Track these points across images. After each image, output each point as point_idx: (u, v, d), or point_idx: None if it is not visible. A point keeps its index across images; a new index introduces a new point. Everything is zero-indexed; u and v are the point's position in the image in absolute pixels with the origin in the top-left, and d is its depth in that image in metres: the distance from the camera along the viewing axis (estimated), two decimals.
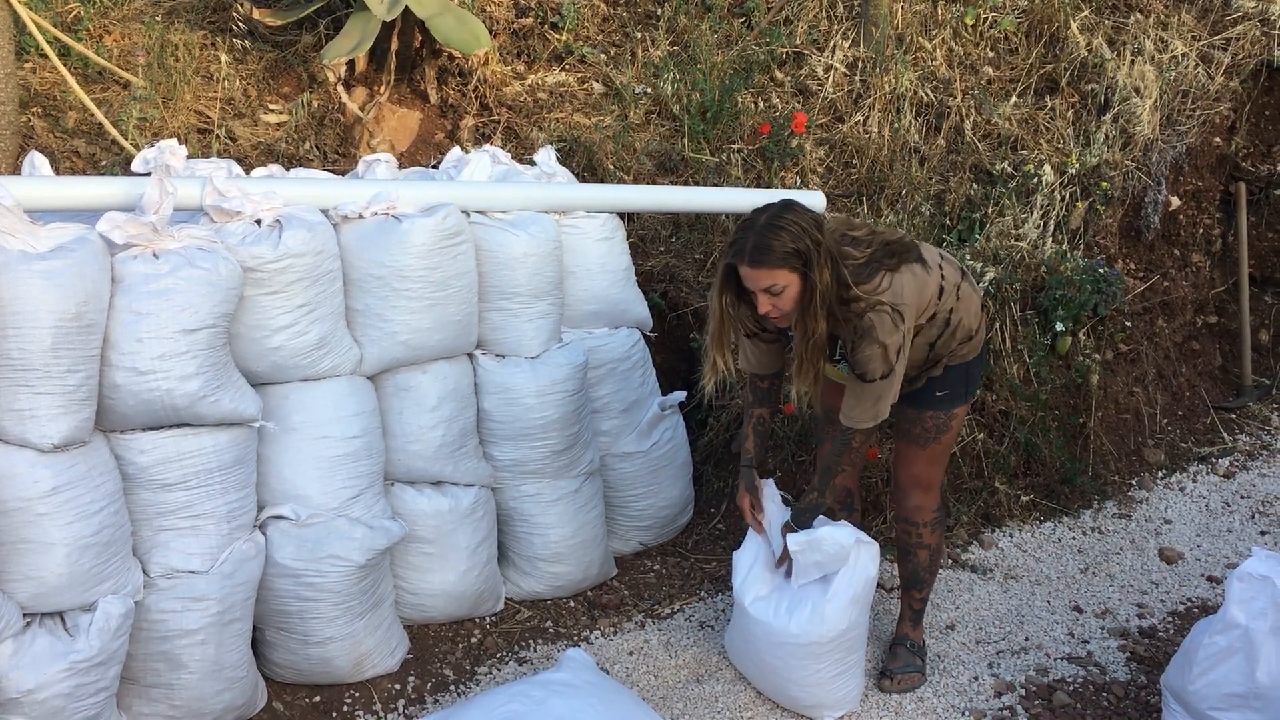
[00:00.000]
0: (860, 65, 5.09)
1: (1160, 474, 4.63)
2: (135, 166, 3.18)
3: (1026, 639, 3.61)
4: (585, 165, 4.63)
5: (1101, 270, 4.44)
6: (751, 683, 3.35)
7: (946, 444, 3.22)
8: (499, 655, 3.48)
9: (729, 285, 2.88)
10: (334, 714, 3.19)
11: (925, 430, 3.14)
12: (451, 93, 4.92)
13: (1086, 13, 5.29)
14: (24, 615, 2.68)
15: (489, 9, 5.06)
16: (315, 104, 4.61)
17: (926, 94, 5.01)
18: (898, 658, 3.39)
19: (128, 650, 2.82)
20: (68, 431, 2.65)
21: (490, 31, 4.87)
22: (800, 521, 3.12)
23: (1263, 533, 4.27)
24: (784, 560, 3.18)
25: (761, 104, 4.97)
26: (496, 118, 4.86)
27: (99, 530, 2.71)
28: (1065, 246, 4.57)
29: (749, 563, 3.25)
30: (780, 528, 3.18)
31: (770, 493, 3.26)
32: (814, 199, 4.18)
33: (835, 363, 3.05)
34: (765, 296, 2.78)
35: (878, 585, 3.45)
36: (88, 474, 2.71)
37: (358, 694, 3.26)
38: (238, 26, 4.74)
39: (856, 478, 3.48)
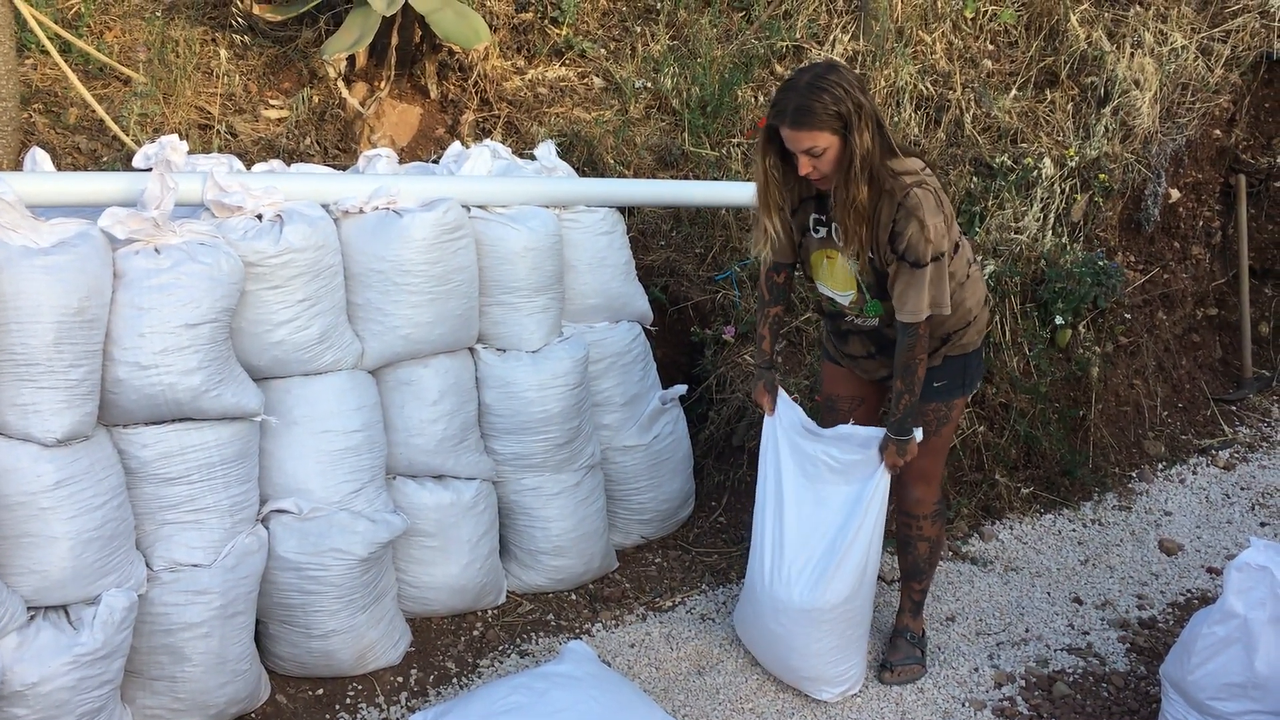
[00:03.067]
0: (860, 58, 5.09)
1: (1160, 466, 4.64)
2: (136, 162, 3.19)
3: (1027, 630, 3.62)
4: (585, 160, 4.64)
5: (1101, 263, 4.45)
6: (755, 656, 3.39)
7: (946, 436, 3.22)
8: (501, 648, 3.49)
9: (771, 147, 2.87)
10: (337, 706, 3.21)
11: (926, 422, 3.15)
12: (452, 88, 4.92)
13: (1086, 5, 5.29)
14: (28, 609, 2.69)
15: (489, 4, 5.07)
16: (316, 99, 4.62)
17: (926, 87, 5.01)
18: (898, 650, 3.40)
19: (131, 643, 2.83)
20: (71, 426, 2.66)
21: (490, 26, 4.87)
22: (900, 429, 3.02)
23: (1263, 524, 4.28)
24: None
25: (761, 98, 4.98)
26: (497, 112, 4.86)
27: (102, 524, 2.73)
28: (1065, 239, 4.58)
29: (766, 523, 3.26)
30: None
31: (786, 400, 3.27)
32: None
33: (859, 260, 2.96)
34: (806, 158, 2.78)
35: (879, 578, 3.46)
36: (91, 468, 2.73)
37: (360, 686, 3.27)
38: (238, 22, 4.74)
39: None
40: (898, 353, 2.97)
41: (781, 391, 3.30)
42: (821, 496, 3.18)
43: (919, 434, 3.09)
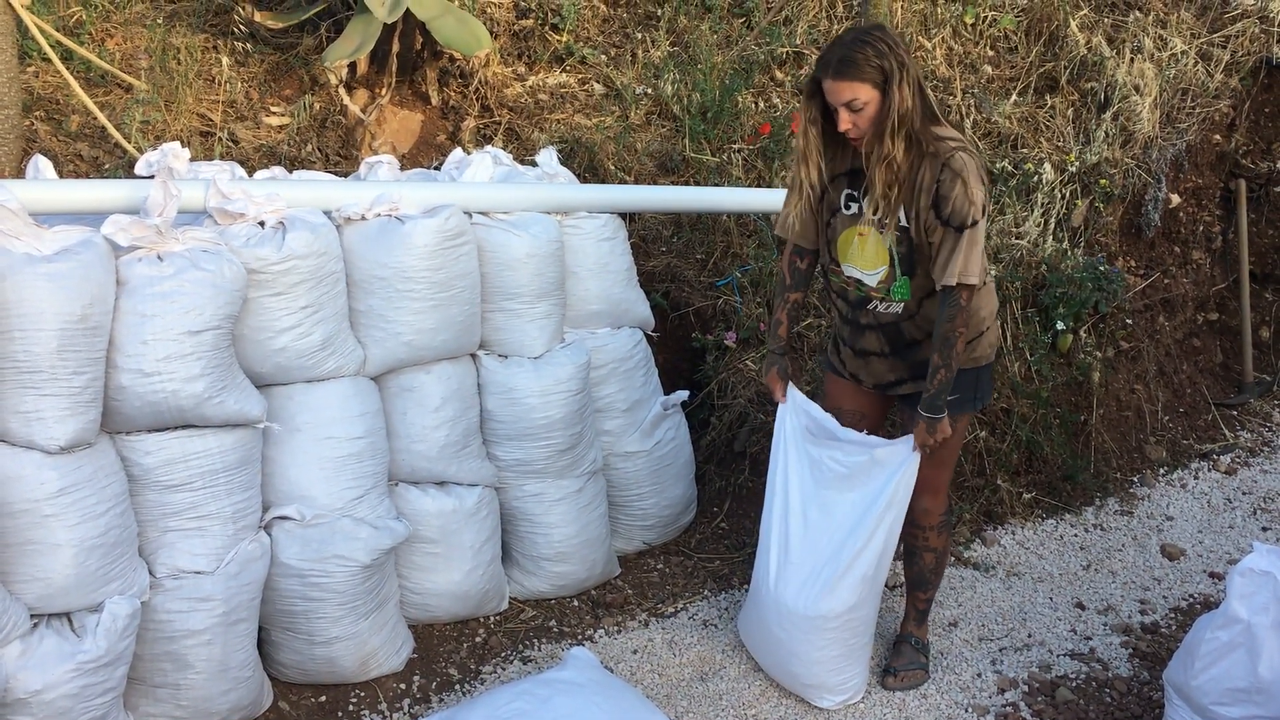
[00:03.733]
0: None
1: (1162, 471, 4.64)
2: (138, 169, 3.20)
3: (1029, 635, 3.62)
4: (586, 166, 4.64)
5: (1102, 268, 4.45)
6: (758, 662, 3.39)
7: (953, 448, 3.20)
8: (503, 654, 3.49)
9: (814, 104, 2.90)
10: (339, 713, 3.20)
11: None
12: (453, 94, 4.93)
13: (1086, 11, 5.30)
14: (31, 616, 2.69)
15: (490, 11, 5.08)
16: (317, 106, 4.63)
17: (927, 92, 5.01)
18: (902, 655, 3.40)
19: (134, 650, 2.83)
20: (74, 433, 2.67)
21: (491, 33, 4.88)
22: (933, 406, 2.97)
23: (1264, 529, 4.28)
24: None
25: (762, 104, 4.98)
26: (498, 119, 4.87)
27: (105, 531, 2.73)
28: (1066, 244, 4.58)
29: (773, 529, 3.25)
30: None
31: (797, 400, 3.26)
32: None
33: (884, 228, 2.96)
34: (845, 112, 2.80)
35: (885, 585, 3.45)
36: (94, 475, 2.73)
37: (363, 693, 3.27)
38: (239, 29, 4.75)
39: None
40: (938, 324, 2.92)
41: (794, 389, 3.28)
42: (828, 503, 3.17)
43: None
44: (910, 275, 2.97)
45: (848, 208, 3.01)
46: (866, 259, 3.00)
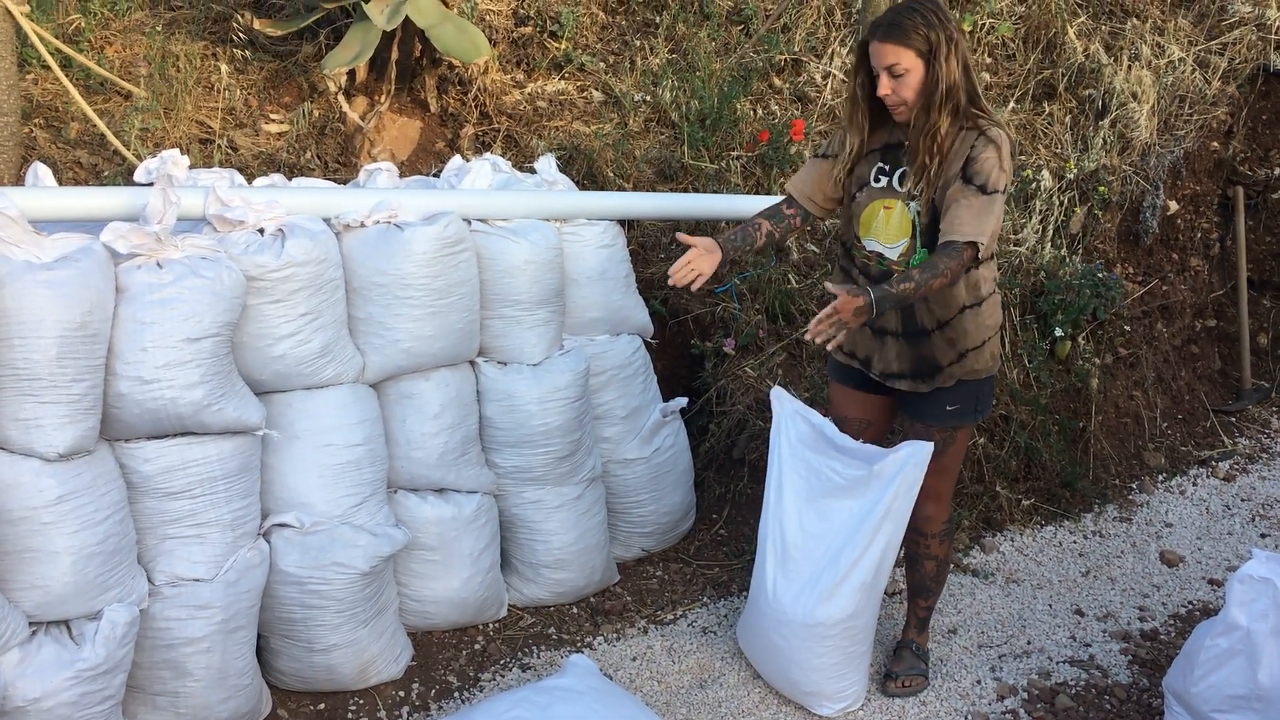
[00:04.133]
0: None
1: (1160, 477, 4.64)
2: (138, 177, 3.20)
3: (1029, 642, 3.62)
4: (585, 173, 4.65)
5: (1100, 274, 4.46)
6: (757, 669, 3.38)
7: (953, 456, 3.20)
8: (502, 662, 3.49)
9: (863, 66, 2.93)
10: None
11: (934, 444, 3.12)
12: (452, 101, 4.94)
13: (1083, 18, 5.31)
14: (30, 624, 2.69)
15: (488, 18, 5.08)
16: (316, 113, 4.63)
17: None
18: (902, 660, 3.40)
19: (133, 658, 2.83)
20: (73, 441, 2.66)
21: (490, 40, 4.89)
22: (880, 304, 2.72)
23: (1263, 535, 4.28)
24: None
25: (760, 111, 4.99)
26: (497, 126, 4.88)
27: (104, 539, 2.72)
28: (1064, 251, 4.59)
29: (771, 537, 3.25)
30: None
31: (793, 409, 3.25)
32: None
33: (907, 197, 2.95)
34: (886, 77, 2.83)
35: (885, 592, 3.45)
36: (93, 483, 2.72)
37: (362, 701, 3.27)
38: (238, 37, 4.76)
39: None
40: (936, 255, 2.81)
41: (791, 396, 3.29)
42: (826, 511, 3.17)
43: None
44: (930, 248, 2.95)
45: (877, 181, 3.01)
46: (890, 232, 3.00)
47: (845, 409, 3.29)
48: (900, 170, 2.97)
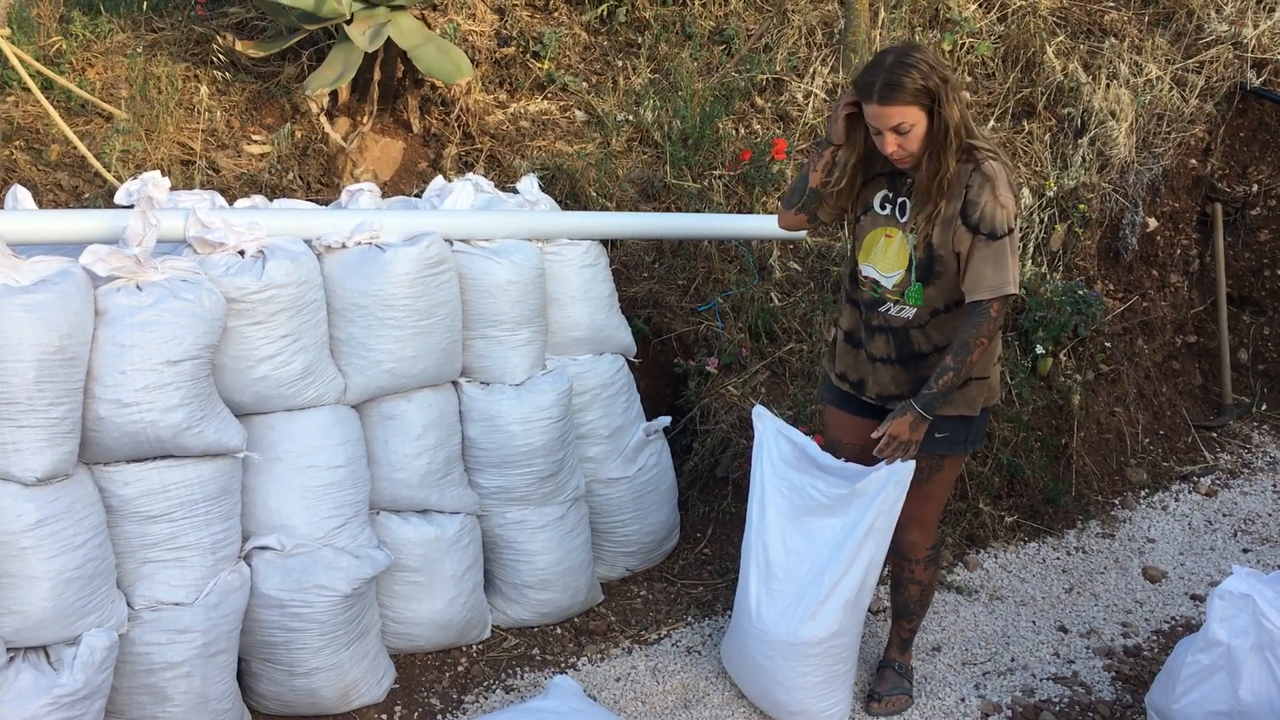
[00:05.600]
0: (839, 91, 5.13)
1: (1143, 493, 4.66)
2: (118, 199, 3.19)
3: (1012, 659, 3.62)
4: (568, 192, 4.66)
5: (1081, 291, 4.48)
6: (741, 689, 3.38)
7: (940, 483, 3.18)
8: (486, 683, 3.47)
9: (856, 122, 2.88)
10: None
11: (919, 470, 3.09)
12: (434, 122, 4.95)
13: (1062, 38, 5.35)
14: (7, 650, 2.67)
15: (471, 39, 5.10)
16: (298, 134, 4.63)
17: None
18: (885, 680, 3.40)
19: (112, 684, 2.81)
20: (51, 465, 2.65)
21: (472, 61, 4.90)
22: (928, 404, 2.90)
23: (1245, 550, 4.29)
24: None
25: (742, 130, 5.01)
26: (479, 146, 4.88)
27: (83, 563, 2.71)
28: (1045, 268, 4.62)
29: (754, 556, 3.25)
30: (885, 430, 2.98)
31: (775, 428, 3.24)
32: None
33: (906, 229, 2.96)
34: (892, 136, 2.78)
35: (869, 610, 3.45)
36: (71, 507, 2.71)
37: None
38: (220, 58, 4.76)
39: None
40: (963, 329, 2.87)
41: (773, 415, 3.28)
42: (809, 530, 3.17)
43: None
44: (924, 283, 2.95)
45: (883, 208, 3.00)
46: (887, 261, 2.99)
47: (840, 434, 3.28)
48: (902, 200, 2.96)
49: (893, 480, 3.04)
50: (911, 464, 3.04)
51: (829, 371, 3.31)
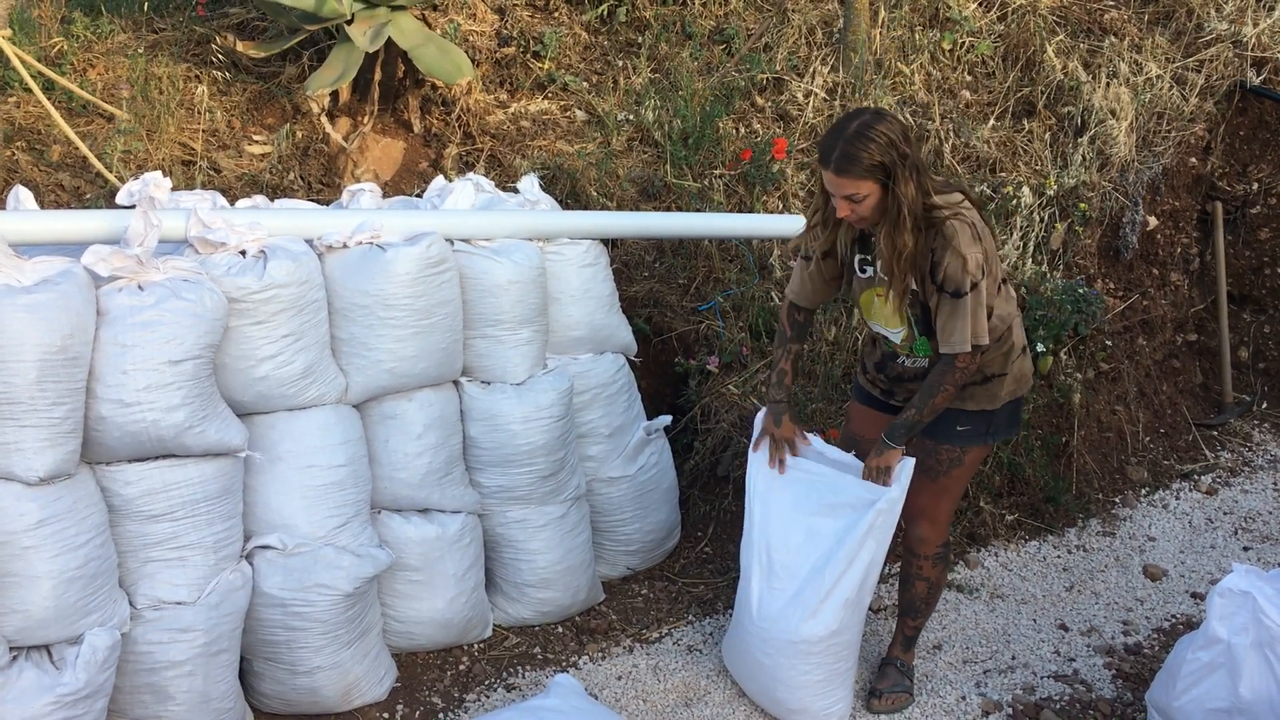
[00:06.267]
0: (840, 90, 5.14)
1: (1143, 491, 4.66)
2: (119, 199, 3.20)
3: (1013, 658, 3.62)
4: (568, 192, 4.66)
5: (1081, 290, 4.48)
6: (742, 688, 3.38)
7: (957, 479, 3.19)
8: (487, 682, 3.48)
9: (822, 186, 2.92)
10: None
11: (938, 462, 3.13)
12: (435, 122, 4.95)
13: (1062, 36, 5.36)
14: (10, 649, 2.67)
15: (471, 39, 5.10)
16: (299, 135, 4.64)
17: (906, 118, 5.06)
18: (887, 677, 3.40)
19: (114, 682, 2.81)
20: (53, 464, 2.66)
21: (473, 61, 4.91)
22: (891, 434, 3.03)
23: (1245, 549, 4.30)
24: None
25: (742, 130, 5.02)
26: (480, 146, 4.89)
27: (85, 562, 2.71)
28: (1045, 267, 4.62)
29: (754, 555, 3.26)
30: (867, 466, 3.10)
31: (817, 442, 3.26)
32: (796, 223, 4.21)
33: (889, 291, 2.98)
34: (845, 202, 2.82)
35: (870, 609, 3.46)
36: (74, 506, 2.72)
37: None
38: (220, 59, 4.77)
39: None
40: (933, 373, 2.96)
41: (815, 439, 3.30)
42: (812, 528, 3.18)
43: (905, 468, 3.08)
44: (929, 336, 3.00)
45: (863, 271, 3.05)
46: (887, 318, 3.05)
47: (861, 429, 3.30)
48: (877, 260, 2.99)
49: (896, 480, 3.05)
50: (912, 462, 3.06)
51: (859, 375, 3.33)
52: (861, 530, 3.07)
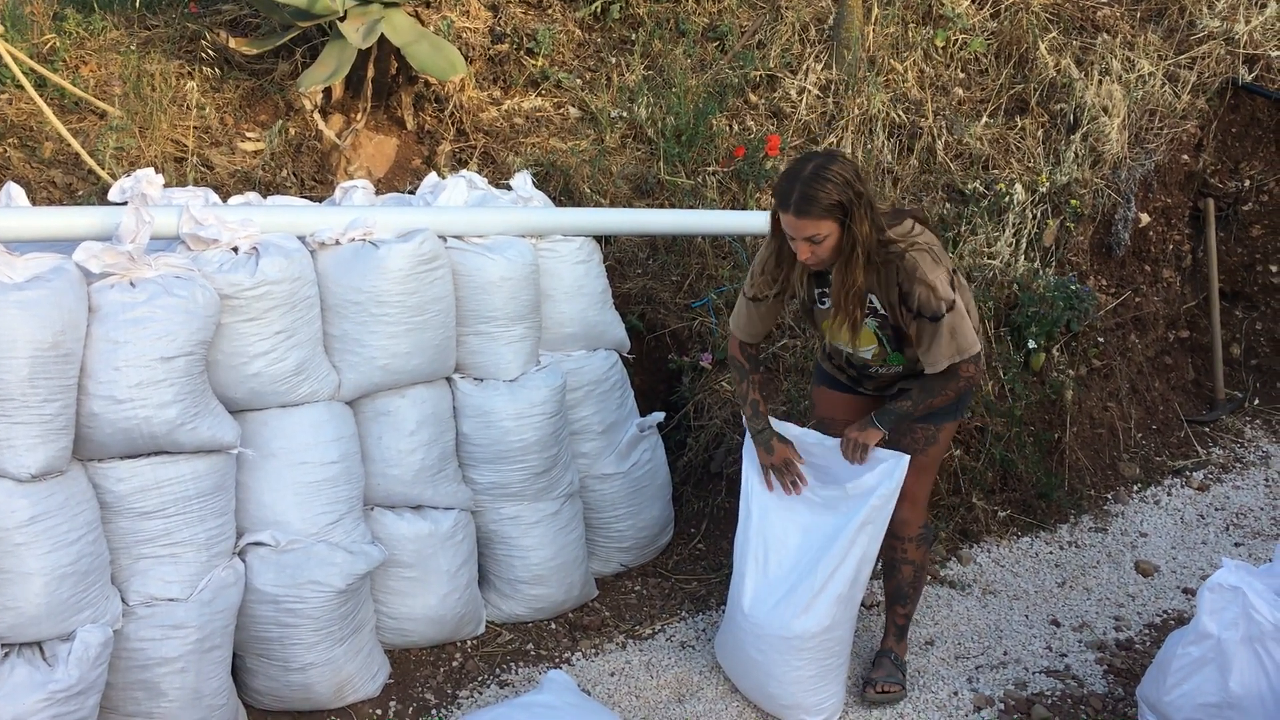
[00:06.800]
0: (833, 87, 5.14)
1: (1135, 488, 4.67)
2: (112, 196, 3.20)
3: (1005, 653, 3.63)
4: (562, 189, 4.66)
5: (1074, 287, 4.49)
6: (735, 684, 3.39)
7: (934, 457, 3.24)
8: (480, 678, 3.48)
9: (779, 230, 2.96)
10: None
11: (914, 441, 3.17)
12: (428, 119, 4.95)
13: (1054, 34, 5.36)
14: (2, 646, 2.67)
15: (465, 35, 5.10)
16: (292, 131, 4.63)
17: (899, 115, 5.07)
18: (881, 668, 3.41)
19: (107, 679, 2.81)
20: (45, 461, 2.66)
21: (466, 58, 4.91)
22: (882, 420, 3.11)
23: (1237, 544, 4.31)
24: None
25: (736, 127, 5.02)
26: (473, 143, 4.89)
27: (77, 559, 2.71)
28: (1037, 264, 4.63)
29: (749, 551, 3.27)
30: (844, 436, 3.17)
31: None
32: None
33: (866, 317, 3.05)
34: (805, 244, 2.86)
35: (862, 605, 3.47)
36: (65, 503, 2.71)
37: None
38: (211, 55, 4.76)
39: None
40: (936, 378, 3.01)
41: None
42: (805, 525, 3.20)
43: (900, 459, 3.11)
44: (901, 350, 3.08)
45: (821, 302, 3.10)
46: (851, 343, 3.10)
47: (830, 412, 3.34)
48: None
49: (889, 475, 3.07)
50: (906, 459, 3.09)
51: (823, 362, 3.35)
52: (855, 525, 3.09)
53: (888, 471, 3.09)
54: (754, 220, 4.41)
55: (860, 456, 3.14)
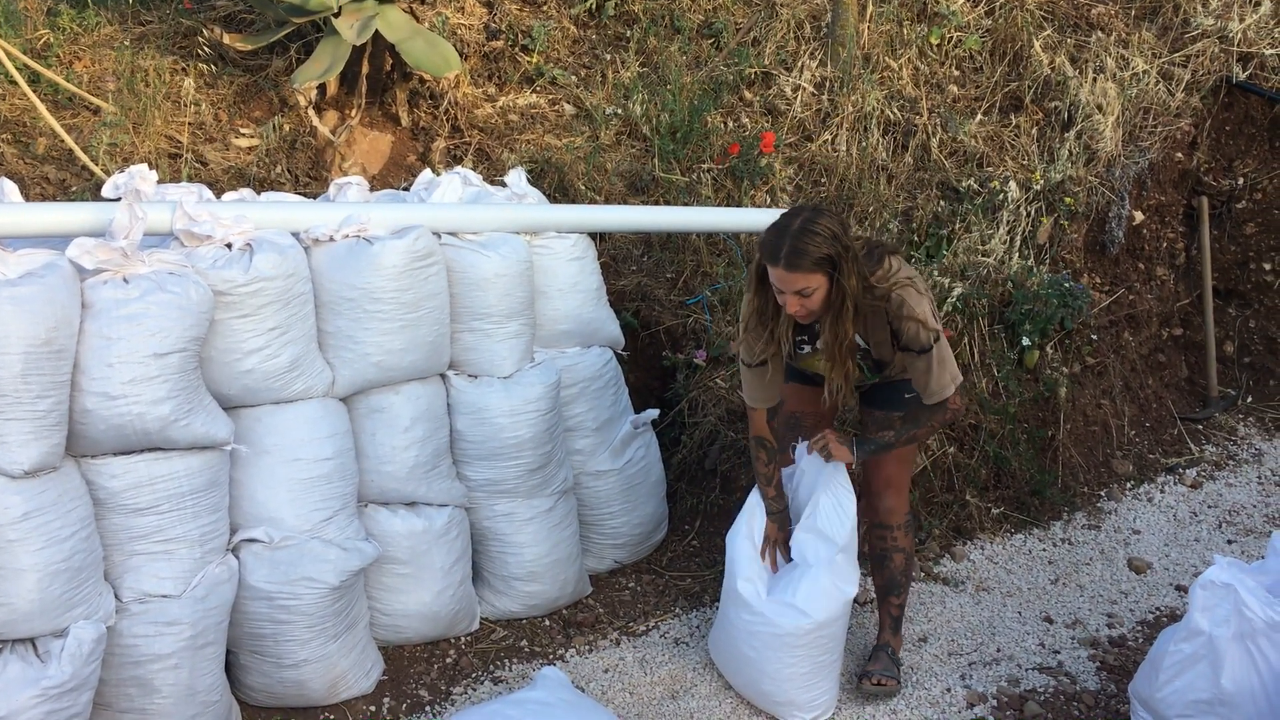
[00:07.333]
0: (828, 85, 5.15)
1: (1129, 485, 4.68)
2: (105, 192, 3.19)
3: (998, 650, 3.64)
4: (556, 186, 4.66)
5: (1067, 284, 4.50)
6: (728, 680, 3.40)
7: (914, 444, 3.29)
8: (474, 675, 3.48)
9: (764, 284, 2.98)
10: None
11: (894, 430, 3.20)
12: (423, 115, 4.95)
13: (1049, 31, 5.37)
14: None
15: (459, 32, 5.10)
16: (286, 128, 4.63)
17: (893, 112, 5.07)
18: (879, 660, 3.43)
19: (100, 676, 2.81)
20: (38, 457, 2.65)
21: (461, 54, 4.90)
22: (861, 449, 3.18)
23: (1230, 542, 4.32)
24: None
25: (731, 124, 5.02)
26: (468, 140, 4.89)
27: (70, 556, 2.71)
28: (1031, 261, 4.63)
29: (742, 549, 3.29)
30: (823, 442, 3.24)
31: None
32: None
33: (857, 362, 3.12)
34: (795, 298, 2.88)
35: (855, 601, 3.48)
36: (58, 499, 2.71)
37: (333, 716, 3.26)
38: (205, 51, 4.76)
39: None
40: (923, 410, 3.09)
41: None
42: (798, 535, 3.25)
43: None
44: (879, 371, 3.15)
45: (800, 349, 3.15)
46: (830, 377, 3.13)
47: (799, 406, 3.38)
48: (819, 338, 3.06)
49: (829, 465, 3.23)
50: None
51: (790, 361, 3.36)
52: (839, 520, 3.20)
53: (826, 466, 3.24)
54: (748, 217, 4.42)
55: (826, 456, 3.21)
